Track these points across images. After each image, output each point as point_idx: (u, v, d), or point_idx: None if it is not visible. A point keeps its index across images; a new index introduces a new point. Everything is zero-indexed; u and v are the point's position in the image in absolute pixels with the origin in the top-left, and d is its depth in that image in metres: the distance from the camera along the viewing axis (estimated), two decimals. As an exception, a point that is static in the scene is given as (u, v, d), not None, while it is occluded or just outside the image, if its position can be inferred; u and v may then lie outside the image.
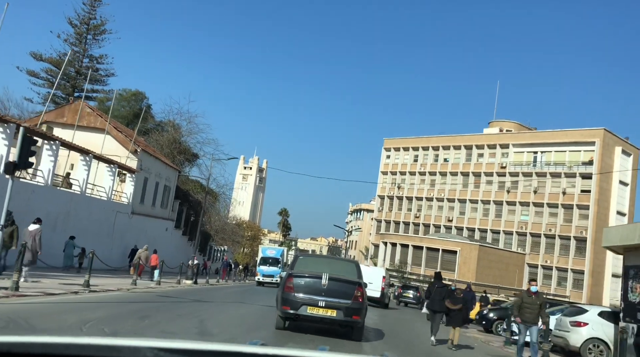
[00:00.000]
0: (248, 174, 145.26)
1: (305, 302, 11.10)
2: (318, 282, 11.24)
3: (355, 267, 12.76)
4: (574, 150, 64.42)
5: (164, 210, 41.89)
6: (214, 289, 25.92)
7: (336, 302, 11.14)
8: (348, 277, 11.73)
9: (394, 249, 66.46)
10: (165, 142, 45.76)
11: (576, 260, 62.51)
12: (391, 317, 23.29)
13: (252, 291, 26.01)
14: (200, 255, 55.51)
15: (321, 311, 11.12)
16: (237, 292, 24.97)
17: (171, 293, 18.38)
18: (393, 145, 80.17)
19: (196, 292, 20.93)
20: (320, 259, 15.68)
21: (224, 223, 66.00)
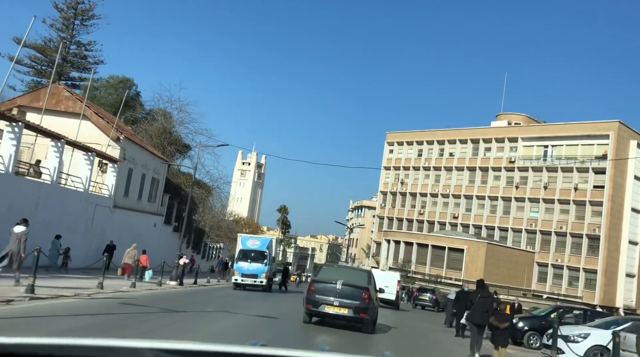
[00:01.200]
0: (246, 169, 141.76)
1: (324, 302, 14.02)
2: (334, 286, 14.14)
3: (367, 275, 15.77)
4: (587, 143, 61.13)
5: (152, 204, 38.67)
6: (199, 292, 22.75)
7: (347, 302, 13.93)
8: (358, 283, 14.41)
9: (398, 247, 63.26)
10: (154, 132, 42.55)
11: (588, 259, 59.28)
12: (406, 320, 20.27)
13: (242, 295, 22.90)
14: (194, 253, 52.35)
15: (335, 309, 13.98)
16: (223, 297, 21.76)
17: (141, 299, 15.15)
18: (396, 140, 76.89)
19: (173, 298, 17.71)
20: (340, 269, 19.33)
21: (219, 219, 62.79)
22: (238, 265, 30.00)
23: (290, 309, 19.61)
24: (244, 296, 23.29)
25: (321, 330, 14.06)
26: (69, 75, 49.96)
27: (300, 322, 14.60)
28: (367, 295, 13.96)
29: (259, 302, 21.48)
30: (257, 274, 29.38)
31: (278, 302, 23.33)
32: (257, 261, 29.66)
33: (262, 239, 33.00)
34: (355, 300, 13.88)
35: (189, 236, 49.55)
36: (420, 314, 33.07)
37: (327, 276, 14.93)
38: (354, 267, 29.83)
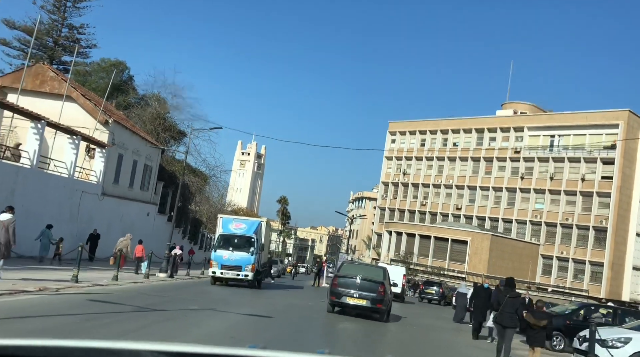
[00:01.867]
0: (246, 160, 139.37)
1: (345, 294, 15.83)
2: (354, 281, 15.91)
3: (383, 272, 17.62)
4: (595, 133, 59.11)
5: (145, 192, 36.78)
6: (188, 286, 20.89)
7: (365, 295, 15.71)
8: (375, 278, 16.33)
9: (399, 239, 61.42)
10: (148, 118, 40.60)
11: (595, 251, 57.43)
12: (412, 317, 18.46)
13: (233, 290, 21.06)
14: (191, 243, 50.55)
15: (356, 300, 15.76)
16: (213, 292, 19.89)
17: (116, 295, 13.26)
18: (399, 129, 74.85)
19: (157, 293, 15.82)
20: (359, 265, 22.30)
21: (217, 209, 60.93)
22: (217, 254, 23.46)
23: (285, 305, 17.72)
24: (235, 290, 21.43)
25: (317, 334, 12.22)
26: (61, 59, 47.89)
27: (298, 324, 12.97)
28: (382, 289, 15.90)
29: (251, 298, 19.67)
30: (241, 265, 23.03)
31: (273, 297, 21.50)
32: (242, 248, 23.28)
33: (248, 221, 25.64)
34: (373, 292, 15.79)
35: (185, 226, 47.73)
36: (426, 308, 31.31)
37: (348, 272, 16.94)
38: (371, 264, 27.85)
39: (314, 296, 24.80)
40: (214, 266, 23.36)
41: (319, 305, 18.75)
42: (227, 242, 23.67)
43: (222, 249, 23.40)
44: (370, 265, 24.48)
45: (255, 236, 23.86)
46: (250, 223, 25.11)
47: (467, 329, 18.48)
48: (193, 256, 50.91)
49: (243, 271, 23.03)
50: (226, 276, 23.34)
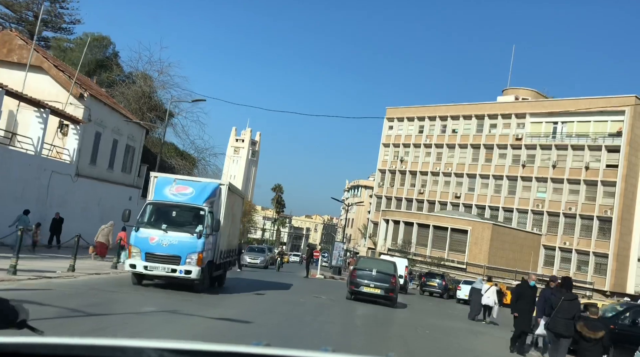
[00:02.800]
0: (240, 146, 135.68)
1: (363, 284, 19.00)
2: (370, 273, 19.20)
3: (393, 266, 20.63)
4: (600, 120, 56.42)
5: (127, 175, 33.82)
6: None
7: (380, 285, 18.97)
8: (387, 271, 19.56)
9: (397, 227, 58.70)
10: (132, 96, 37.54)
11: (599, 242, 54.89)
12: (419, 315, 15.76)
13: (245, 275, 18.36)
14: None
15: (371, 289, 18.95)
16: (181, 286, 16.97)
17: (55, 292, 10.37)
18: (396, 115, 71.89)
19: (110, 288, 12.82)
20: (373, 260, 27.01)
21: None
22: (139, 235, 14.40)
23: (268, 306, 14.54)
24: (249, 273, 18.58)
25: (312, 337, 9.40)
26: (42, 35, 44.63)
27: (287, 331, 10.11)
28: (394, 280, 18.98)
29: (269, 277, 16.82)
30: (181, 254, 14.04)
31: (251, 295, 18.59)
32: (183, 227, 14.33)
33: (198, 184, 15.63)
34: (386, 283, 18.72)
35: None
36: (430, 302, 28.62)
37: (365, 265, 20.06)
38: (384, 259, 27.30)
39: (307, 289, 22.01)
40: (134, 255, 14.24)
41: (312, 302, 15.92)
42: (160, 216, 14.69)
43: (149, 227, 14.44)
44: (383, 260, 25.52)
45: (209, 206, 14.71)
46: (201, 187, 15.16)
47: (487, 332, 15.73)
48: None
49: (182, 265, 13.95)
50: (154, 272, 14.14)
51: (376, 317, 15.32)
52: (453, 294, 34.77)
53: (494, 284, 21.79)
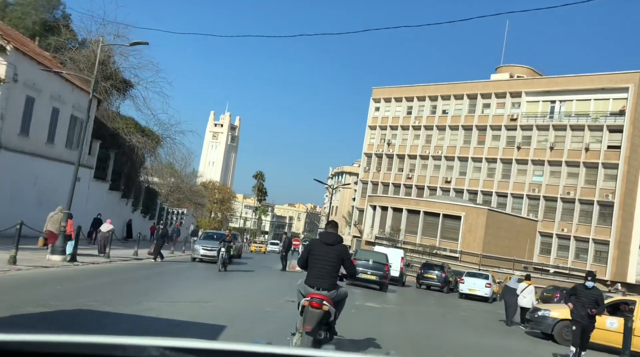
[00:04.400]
0: (219, 131, 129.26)
1: (361, 271, 21.24)
2: (367, 262, 22.64)
3: (385, 256, 24.18)
4: (601, 98, 52.15)
5: (73, 152, 28.51)
6: (110, 272, 13.39)
7: (375, 272, 22.44)
8: (381, 261, 23.23)
9: (385, 214, 54.08)
10: (84, 62, 32.18)
11: (599, 228, 50.81)
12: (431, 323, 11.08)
13: (168, 273, 13.62)
14: (144, 217, 42.61)
15: (368, 276, 22.23)
16: (142, 278, 12.26)
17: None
18: (383, 96, 67.07)
19: (53, 283, 8.64)
20: (369, 252, 27.22)
21: (179, 180, 52.87)
22: None
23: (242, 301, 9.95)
24: (170, 273, 13.78)
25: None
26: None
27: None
28: (386, 268, 22.85)
29: (185, 286, 12.06)
30: None
31: (221, 286, 13.91)
32: None
33: None
34: (380, 271, 22.54)
35: (137, 197, 39.70)
36: (430, 297, 24.05)
37: (362, 256, 24.05)
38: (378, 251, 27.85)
39: (280, 289, 17.12)
40: None
41: (285, 314, 11.03)
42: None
43: None
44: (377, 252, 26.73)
45: None
46: None
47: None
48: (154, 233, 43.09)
49: None
50: None
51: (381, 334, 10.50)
52: (453, 286, 30.30)
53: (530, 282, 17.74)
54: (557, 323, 15.10)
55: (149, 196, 42.95)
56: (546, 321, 15.36)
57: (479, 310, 21.26)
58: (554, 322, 15.15)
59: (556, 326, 15.08)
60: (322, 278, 6.99)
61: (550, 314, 15.44)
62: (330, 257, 7.08)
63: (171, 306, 9.92)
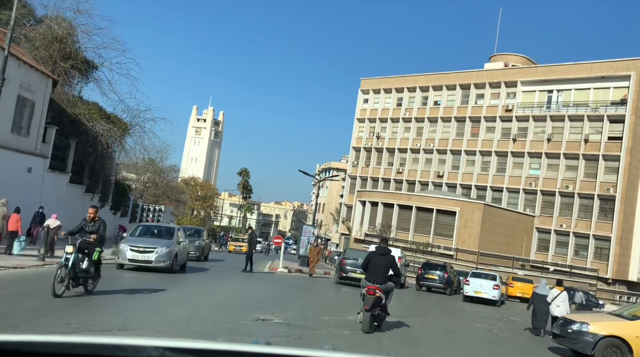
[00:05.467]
0: (202, 127, 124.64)
1: (349, 270, 22.16)
2: (355, 261, 21.52)
3: None
4: (601, 87, 49.24)
5: (23, 138, 24.79)
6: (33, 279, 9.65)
7: None
8: None
9: (375, 210, 50.73)
10: (39, 39, 28.36)
11: (600, 224, 47.89)
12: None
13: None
14: (113, 213, 38.85)
15: (357, 275, 20.37)
16: None
17: None
18: (372, 87, 63.71)
19: None
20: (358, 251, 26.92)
21: (156, 175, 49.10)
22: None
23: None
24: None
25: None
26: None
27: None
28: None
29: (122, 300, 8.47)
30: None
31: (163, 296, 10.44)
32: None
33: None
34: None
35: (105, 192, 35.94)
36: (433, 301, 20.70)
37: (351, 255, 23.42)
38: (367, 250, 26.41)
39: (243, 301, 13.54)
40: None
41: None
42: None
43: None
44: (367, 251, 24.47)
45: None
46: None
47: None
48: (124, 233, 39.41)
49: None
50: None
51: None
52: (456, 288, 27.02)
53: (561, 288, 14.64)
54: (599, 341, 11.73)
55: (119, 190, 39.19)
56: (584, 338, 11.89)
57: (492, 318, 17.97)
58: (595, 340, 11.75)
59: (598, 345, 11.68)
60: (376, 276, 10.37)
61: (590, 328, 11.99)
62: (382, 263, 10.53)
63: None
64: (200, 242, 26.09)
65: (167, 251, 17.43)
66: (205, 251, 27.14)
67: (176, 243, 18.38)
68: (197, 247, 25.40)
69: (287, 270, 24.59)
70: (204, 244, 26.98)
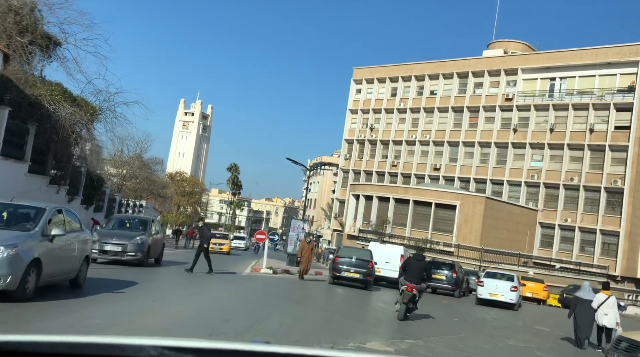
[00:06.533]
0: (189, 121, 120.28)
1: (344, 269, 20.21)
2: (350, 259, 20.39)
3: (370, 253, 21.50)
4: (607, 73, 46.12)
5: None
6: None
7: (358, 270, 20.12)
8: (365, 258, 20.71)
9: (369, 204, 47.40)
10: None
11: (607, 218, 44.84)
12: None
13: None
14: (85, 208, 35.16)
15: (351, 274, 20.09)
16: None
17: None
18: (365, 76, 60.30)
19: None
20: (352, 249, 24.74)
21: (134, 167, 45.41)
22: None
23: None
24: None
25: None
26: None
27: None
28: (370, 265, 20.29)
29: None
30: None
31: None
32: None
33: None
34: (364, 268, 20.11)
35: (76, 185, 32.30)
36: (441, 305, 17.41)
37: (345, 253, 21.38)
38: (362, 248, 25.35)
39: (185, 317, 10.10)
40: None
41: None
42: None
43: None
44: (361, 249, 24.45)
45: None
46: None
47: None
48: (98, 227, 35.63)
49: None
50: None
51: None
52: (465, 289, 23.74)
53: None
54: None
55: (92, 183, 35.49)
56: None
57: (518, 328, 14.79)
58: None
59: None
60: (413, 277, 12.49)
61: None
62: (418, 268, 12.84)
63: None
64: (142, 239, 17.79)
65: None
66: (154, 251, 19.00)
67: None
68: (137, 246, 17.42)
69: (272, 271, 21.08)
70: (152, 241, 18.73)
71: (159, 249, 19.12)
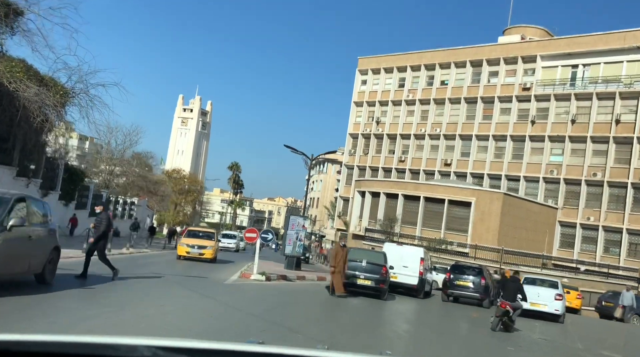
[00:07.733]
0: (188, 117, 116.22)
1: (354, 275, 17.24)
2: (360, 264, 17.46)
3: (383, 256, 18.41)
4: (636, 59, 42.21)
5: None
6: None
7: (370, 276, 17.29)
8: (377, 262, 17.74)
9: (376, 202, 43.55)
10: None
11: (635, 216, 40.94)
12: None
13: None
14: (64, 204, 31.63)
15: (362, 281, 17.26)
16: None
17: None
18: (371, 66, 56.49)
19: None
20: (363, 251, 21.61)
21: (125, 161, 41.69)
22: None
23: None
24: None
25: None
26: None
27: None
28: (384, 271, 17.42)
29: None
30: None
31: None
32: None
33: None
34: (376, 274, 17.32)
35: (52, 178, 28.72)
36: (471, 317, 13.71)
37: (355, 257, 17.77)
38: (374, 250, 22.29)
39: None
40: None
41: None
42: None
43: None
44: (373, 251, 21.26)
45: None
46: None
47: None
48: (77, 227, 32.23)
49: None
50: None
51: None
52: (494, 298, 19.90)
53: None
54: None
55: (71, 177, 31.87)
56: None
57: (577, 352, 10.90)
58: None
59: None
60: (508, 296, 13.15)
61: None
62: (512, 288, 13.48)
63: None
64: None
65: None
66: (19, 260, 9.24)
67: None
68: None
69: (264, 277, 17.17)
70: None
71: (40, 255, 9.79)
